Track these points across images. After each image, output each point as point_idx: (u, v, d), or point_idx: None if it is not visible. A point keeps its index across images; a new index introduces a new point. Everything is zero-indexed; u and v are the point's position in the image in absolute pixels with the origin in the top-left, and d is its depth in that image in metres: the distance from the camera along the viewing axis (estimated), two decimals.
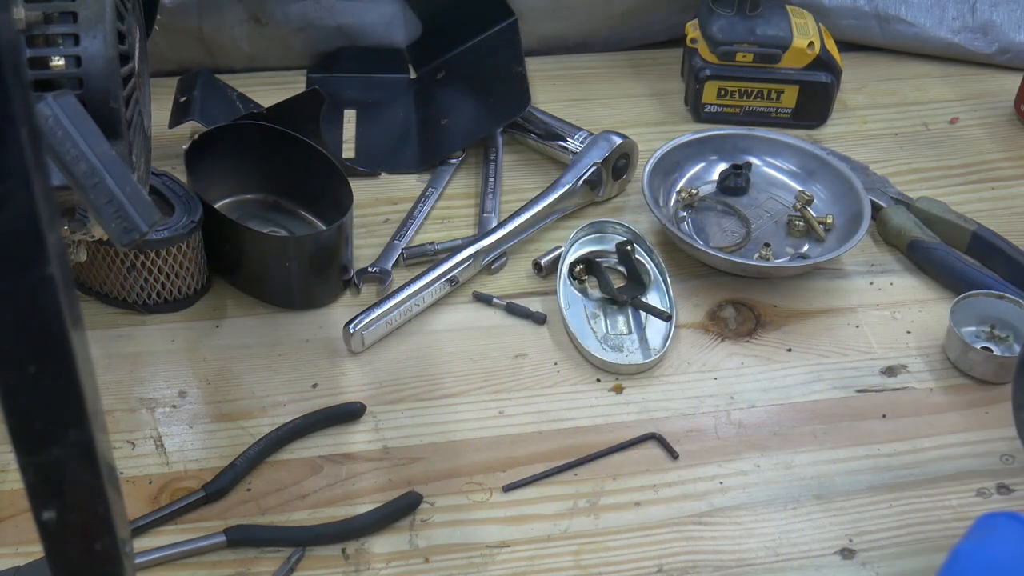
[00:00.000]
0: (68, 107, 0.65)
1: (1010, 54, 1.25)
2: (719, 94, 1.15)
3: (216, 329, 0.94)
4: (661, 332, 0.94)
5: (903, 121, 1.20)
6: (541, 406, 0.89)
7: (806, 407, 0.90)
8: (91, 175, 0.65)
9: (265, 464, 0.84)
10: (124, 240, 0.66)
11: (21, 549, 0.78)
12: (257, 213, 1.01)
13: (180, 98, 1.07)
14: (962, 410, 0.91)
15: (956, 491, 0.84)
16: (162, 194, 0.93)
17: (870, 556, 0.80)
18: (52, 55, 0.69)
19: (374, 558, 0.79)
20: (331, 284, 0.97)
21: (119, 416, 0.87)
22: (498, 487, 0.83)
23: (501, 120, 1.11)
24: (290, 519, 0.81)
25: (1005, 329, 0.95)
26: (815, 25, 1.16)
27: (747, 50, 1.13)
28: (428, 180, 1.09)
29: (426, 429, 0.87)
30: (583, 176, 1.04)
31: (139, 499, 0.82)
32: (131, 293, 0.94)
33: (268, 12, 1.17)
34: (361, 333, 0.91)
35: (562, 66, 1.25)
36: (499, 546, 0.80)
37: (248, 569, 0.78)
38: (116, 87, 0.70)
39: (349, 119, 1.16)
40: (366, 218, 1.04)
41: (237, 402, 0.89)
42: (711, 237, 1.03)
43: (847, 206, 1.03)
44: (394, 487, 0.83)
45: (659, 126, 1.16)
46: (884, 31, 1.25)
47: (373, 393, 0.89)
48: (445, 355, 0.93)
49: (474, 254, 0.98)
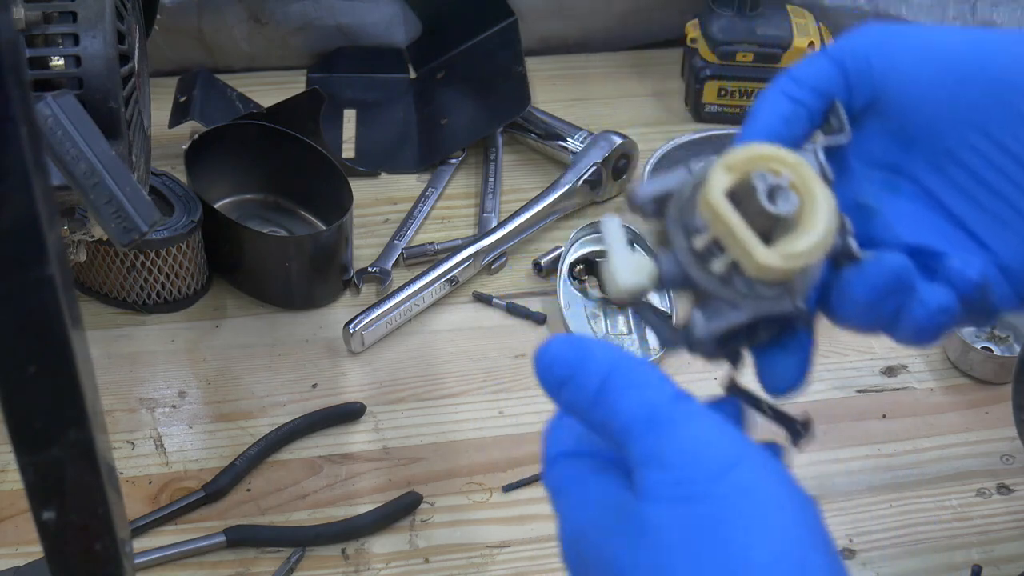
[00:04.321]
0: (68, 107, 0.65)
1: None
2: (719, 94, 1.15)
3: (216, 329, 0.94)
4: None
5: None
6: (541, 406, 0.89)
7: (806, 407, 0.90)
8: (91, 175, 0.65)
9: (265, 464, 0.84)
10: (124, 240, 0.66)
11: (21, 549, 0.78)
12: (257, 213, 1.01)
13: (180, 98, 1.07)
14: (962, 410, 0.90)
15: (956, 491, 0.84)
16: (162, 194, 0.93)
17: (870, 556, 0.80)
18: (52, 55, 0.69)
19: (374, 558, 0.79)
20: (331, 284, 0.97)
21: (119, 416, 0.87)
22: (498, 487, 0.83)
23: (501, 120, 1.11)
24: (290, 519, 0.81)
25: (1005, 329, 0.95)
26: (815, 25, 1.16)
27: (747, 50, 1.13)
28: (428, 180, 1.09)
29: (426, 429, 0.87)
30: (583, 176, 1.04)
31: (139, 499, 0.82)
32: (131, 293, 0.94)
33: (268, 12, 1.17)
34: (361, 333, 0.91)
35: (562, 66, 1.25)
36: (499, 546, 0.80)
37: (248, 569, 0.78)
38: (116, 87, 0.70)
39: (349, 119, 1.16)
40: (366, 218, 1.04)
41: (237, 402, 0.89)
42: None
43: None
44: (394, 487, 0.83)
45: (659, 126, 1.16)
46: None
47: (373, 393, 0.89)
48: (445, 355, 0.93)
49: (474, 254, 0.98)
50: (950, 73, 0.52)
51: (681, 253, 0.47)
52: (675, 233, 0.48)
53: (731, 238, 0.45)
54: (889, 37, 0.54)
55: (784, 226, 0.46)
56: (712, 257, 0.47)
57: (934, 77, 0.53)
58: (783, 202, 0.46)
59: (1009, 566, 0.80)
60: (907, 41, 0.54)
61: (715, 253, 0.46)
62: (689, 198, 0.48)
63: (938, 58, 0.53)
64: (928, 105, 0.53)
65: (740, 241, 0.45)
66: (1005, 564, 0.80)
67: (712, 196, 0.46)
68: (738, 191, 0.46)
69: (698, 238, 0.46)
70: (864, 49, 0.53)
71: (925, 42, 0.54)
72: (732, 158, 0.47)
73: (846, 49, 0.53)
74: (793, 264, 0.45)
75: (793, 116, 0.53)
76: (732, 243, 0.46)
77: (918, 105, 0.53)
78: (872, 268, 0.50)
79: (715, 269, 0.47)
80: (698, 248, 0.47)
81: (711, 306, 0.48)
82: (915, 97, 0.53)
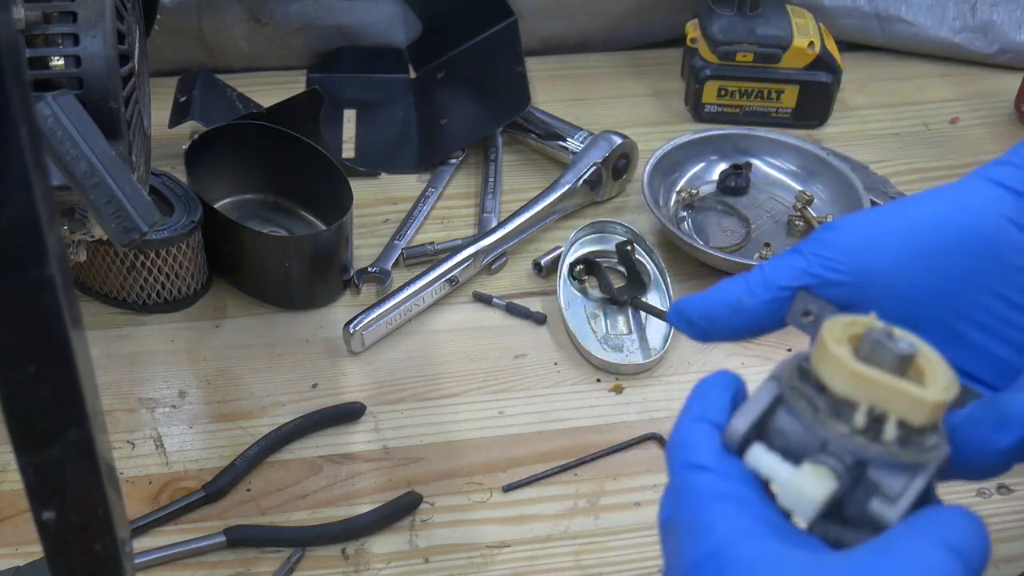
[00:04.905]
0: (68, 107, 0.65)
1: (1010, 54, 1.25)
2: (719, 94, 1.15)
3: (216, 329, 0.94)
4: (661, 332, 0.94)
5: (903, 121, 1.20)
6: (541, 406, 0.89)
7: None
8: (91, 175, 0.65)
9: (265, 464, 0.84)
10: (124, 240, 0.66)
11: (21, 549, 0.78)
12: (257, 213, 1.01)
13: (180, 98, 1.07)
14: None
15: (956, 491, 0.84)
16: (162, 194, 0.93)
17: None
18: (52, 55, 0.69)
19: (374, 558, 0.79)
20: (331, 284, 0.97)
21: (119, 416, 0.87)
22: (498, 487, 0.83)
23: (501, 120, 1.11)
24: (290, 519, 0.81)
25: None
26: (815, 25, 1.16)
27: (747, 50, 1.13)
28: (428, 180, 1.09)
29: (426, 429, 0.87)
30: (583, 176, 1.04)
31: (139, 499, 0.82)
32: (131, 293, 0.94)
33: (268, 12, 1.17)
34: (361, 333, 0.91)
35: (562, 66, 1.25)
36: (499, 546, 0.80)
37: (248, 569, 0.78)
38: (116, 87, 0.70)
39: (349, 119, 1.16)
40: (366, 218, 1.04)
41: (237, 402, 0.89)
42: (711, 237, 1.03)
43: (847, 206, 1.03)
44: (394, 487, 0.83)
45: (659, 126, 1.16)
46: (884, 31, 1.25)
47: (373, 393, 0.89)
48: (445, 355, 0.93)
49: (474, 254, 0.98)
50: (931, 254, 0.54)
51: (843, 440, 0.45)
52: (823, 427, 0.46)
53: (890, 394, 0.44)
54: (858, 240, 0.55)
55: (912, 369, 0.46)
56: (878, 426, 0.45)
57: (917, 264, 0.54)
58: (905, 344, 0.45)
59: (1009, 566, 0.79)
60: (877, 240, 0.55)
61: (880, 420, 0.45)
62: (810, 392, 0.46)
63: (912, 242, 0.55)
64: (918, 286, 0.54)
65: (902, 392, 0.44)
66: (1005, 564, 0.80)
67: (853, 366, 0.45)
68: (861, 353, 0.46)
69: (856, 416, 0.45)
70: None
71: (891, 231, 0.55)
72: (831, 332, 0.46)
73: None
74: (952, 392, 0.45)
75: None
76: (893, 399, 0.44)
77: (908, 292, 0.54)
78: (1011, 400, 0.49)
79: (888, 436, 0.45)
80: (860, 426, 0.45)
81: (889, 482, 0.45)
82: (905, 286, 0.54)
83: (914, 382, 0.45)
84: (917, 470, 0.45)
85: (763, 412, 0.47)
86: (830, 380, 0.46)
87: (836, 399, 0.46)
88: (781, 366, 0.48)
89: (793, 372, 0.48)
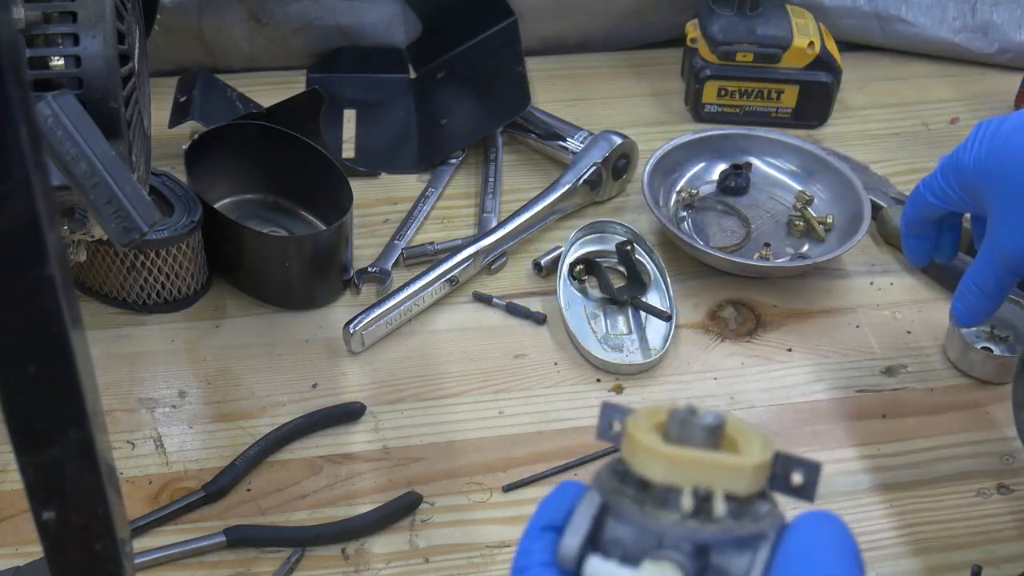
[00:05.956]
0: (68, 107, 0.65)
1: (1010, 54, 1.25)
2: (719, 94, 1.15)
3: (216, 329, 0.94)
4: (661, 332, 0.94)
5: (903, 121, 1.20)
6: (541, 406, 0.89)
7: (806, 407, 0.90)
8: (91, 175, 0.65)
9: (265, 464, 0.84)
10: (124, 240, 0.66)
11: (21, 549, 0.78)
12: (257, 213, 1.01)
13: (180, 98, 1.07)
14: (962, 410, 0.90)
15: (956, 491, 0.84)
16: (162, 194, 0.93)
17: (870, 556, 0.80)
18: (52, 55, 0.69)
19: (374, 558, 0.79)
20: (331, 284, 0.97)
21: (119, 416, 0.87)
22: (498, 487, 0.83)
23: (501, 120, 1.11)
24: (290, 519, 0.81)
25: (1005, 329, 0.95)
26: (815, 25, 1.16)
27: (747, 50, 1.13)
28: (428, 180, 1.09)
29: (426, 429, 0.87)
30: (583, 176, 1.04)
31: (139, 499, 0.82)
32: (131, 293, 0.94)
33: (268, 12, 1.17)
34: (361, 333, 0.91)
35: (562, 66, 1.25)
36: (499, 546, 0.80)
37: (248, 569, 0.78)
38: (116, 87, 0.70)
39: (349, 119, 1.16)
40: (366, 218, 1.04)
41: (237, 402, 0.89)
42: (711, 237, 1.03)
43: (847, 206, 1.03)
44: (394, 487, 0.83)
45: (659, 126, 1.16)
46: (884, 31, 1.25)
47: (373, 393, 0.89)
48: (445, 355, 0.93)
49: (474, 254, 0.98)
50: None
51: (676, 528, 0.43)
52: (653, 520, 0.44)
53: (709, 469, 0.43)
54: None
55: (724, 440, 0.45)
56: (707, 505, 0.44)
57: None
58: (711, 417, 0.45)
59: (1009, 566, 0.80)
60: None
61: (707, 499, 0.44)
62: (631, 491, 0.45)
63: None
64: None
65: (719, 464, 0.43)
66: (1005, 564, 0.80)
67: (666, 451, 0.43)
68: (671, 437, 0.45)
69: (683, 500, 0.43)
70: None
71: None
72: (636, 425, 0.45)
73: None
74: (768, 453, 0.44)
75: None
76: (714, 474, 0.43)
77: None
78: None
79: (719, 513, 0.44)
80: (688, 509, 0.43)
81: (735, 563, 0.43)
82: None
83: (729, 452, 0.45)
84: (758, 541, 0.44)
85: (591, 524, 0.45)
86: (648, 471, 0.44)
87: (659, 489, 0.44)
88: (596, 475, 0.46)
89: (611, 476, 0.46)
